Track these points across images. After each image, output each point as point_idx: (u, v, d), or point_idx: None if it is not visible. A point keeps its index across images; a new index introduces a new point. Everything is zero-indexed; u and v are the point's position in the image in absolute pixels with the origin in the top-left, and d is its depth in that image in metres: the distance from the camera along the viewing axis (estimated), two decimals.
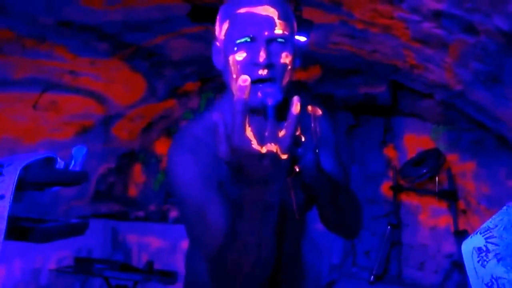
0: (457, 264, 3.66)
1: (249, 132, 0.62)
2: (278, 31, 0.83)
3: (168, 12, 2.66)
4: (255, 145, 0.62)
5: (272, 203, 0.69)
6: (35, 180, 0.82)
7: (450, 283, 3.77)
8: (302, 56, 1.00)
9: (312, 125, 0.89)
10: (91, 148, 3.73)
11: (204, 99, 4.67)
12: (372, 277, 3.95)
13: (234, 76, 0.85)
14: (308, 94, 4.29)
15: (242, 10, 0.84)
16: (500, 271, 0.69)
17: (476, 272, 0.72)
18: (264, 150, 0.62)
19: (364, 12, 2.37)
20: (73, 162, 0.90)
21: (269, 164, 0.63)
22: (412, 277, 4.08)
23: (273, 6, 0.84)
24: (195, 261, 0.99)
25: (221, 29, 0.89)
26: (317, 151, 0.87)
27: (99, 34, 2.70)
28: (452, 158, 3.95)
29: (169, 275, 3.36)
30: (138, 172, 4.74)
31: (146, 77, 3.62)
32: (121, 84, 3.47)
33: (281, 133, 0.63)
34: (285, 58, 0.85)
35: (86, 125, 3.56)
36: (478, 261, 0.72)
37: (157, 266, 3.48)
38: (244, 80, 0.61)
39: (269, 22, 0.83)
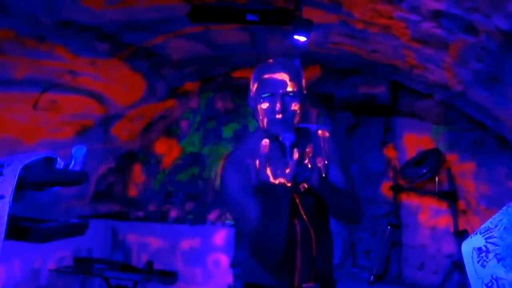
0: (457, 264, 3.65)
1: (268, 171, 1.12)
2: (289, 89, 1.29)
3: (168, 12, 2.66)
4: (271, 179, 1.12)
5: (283, 210, 1.17)
6: (35, 180, 0.82)
7: (450, 283, 3.76)
8: (302, 56, 1.30)
9: (322, 144, 1.37)
10: (91, 148, 3.74)
11: (203, 99, 4.67)
12: (372, 277, 3.95)
13: (261, 117, 1.33)
14: (308, 94, 4.29)
15: (266, 76, 1.32)
16: (500, 271, 0.69)
17: (476, 272, 0.72)
18: (276, 181, 1.12)
19: (364, 12, 2.37)
20: (73, 162, 0.90)
21: (280, 189, 1.13)
22: (412, 277, 4.08)
23: (286, 72, 1.31)
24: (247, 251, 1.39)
25: (253, 87, 1.37)
26: (325, 162, 1.28)
27: (99, 34, 2.70)
28: (452, 158, 3.95)
29: (169, 275, 3.36)
30: (138, 172, 4.74)
31: (146, 77, 3.62)
32: (121, 84, 3.47)
33: (287, 171, 1.12)
34: (295, 106, 1.30)
35: (86, 125, 3.56)
36: (478, 261, 0.72)
37: (157, 266, 3.49)
38: (265, 141, 1.10)
39: (283, 83, 1.30)
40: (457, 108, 3.29)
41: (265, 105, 1.30)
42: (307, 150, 1.27)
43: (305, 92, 1.39)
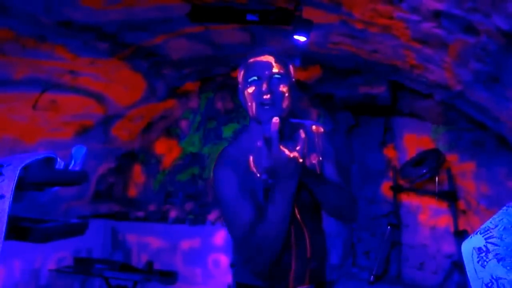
0: (457, 264, 3.65)
1: (282, 147, 1.07)
2: (275, 70, 1.25)
3: (168, 12, 2.66)
4: (287, 152, 1.07)
5: (294, 191, 1.13)
6: (35, 180, 0.82)
7: (450, 283, 3.76)
8: (302, 56, 1.27)
9: (316, 140, 1.35)
10: (91, 148, 3.74)
11: (203, 99, 4.67)
12: (372, 277, 3.95)
13: (249, 104, 1.27)
14: (308, 94, 4.29)
15: (251, 60, 1.29)
16: (500, 271, 0.69)
17: (476, 272, 0.72)
18: (291, 155, 1.07)
19: (364, 12, 2.37)
20: (73, 162, 0.90)
21: (294, 164, 1.08)
22: (412, 277, 4.08)
23: (271, 55, 1.28)
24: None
25: (240, 75, 1.32)
26: (320, 159, 1.32)
27: (99, 34, 2.70)
28: (452, 158, 3.95)
29: (169, 275, 3.36)
30: (138, 172, 4.74)
31: (146, 77, 3.62)
32: (121, 84, 3.47)
33: (298, 148, 1.08)
34: (282, 88, 1.25)
35: (86, 125, 3.57)
36: (478, 261, 0.72)
37: (157, 266, 3.49)
38: (275, 119, 1.06)
39: (269, 65, 1.25)
40: (457, 108, 3.29)
41: (251, 89, 1.25)
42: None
43: (293, 80, 1.32)
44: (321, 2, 2.42)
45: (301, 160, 1.08)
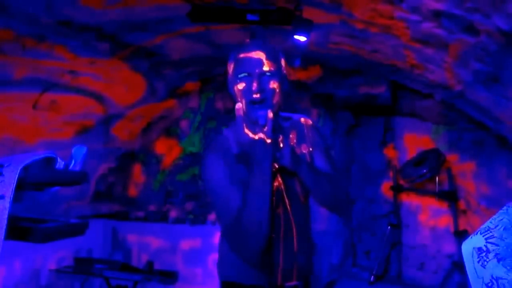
0: (457, 264, 3.65)
1: (246, 130, 1.18)
2: (265, 68, 1.26)
3: (168, 12, 2.66)
4: (251, 135, 1.17)
5: (269, 174, 1.17)
6: (35, 180, 0.82)
7: (450, 283, 3.76)
8: (302, 56, 1.28)
9: (306, 132, 1.41)
10: (91, 148, 3.73)
11: (204, 99, 4.67)
12: (372, 277, 3.95)
13: (239, 99, 1.30)
14: (308, 94, 4.29)
15: (242, 55, 1.30)
16: (500, 271, 0.69)
17: (476, 272, 0.72)
18: (256, 137, 1.16)
19: (364, 12, 2.37)
20: (73, 162, 0.90)
21: (261, 145, 1.15)
22: (412, 277, 4.08)
23: (262, 51, 1.28)
24: (225, 245, 1.34)
25: (230, 68, 1.35)
26: (310, 149, 1.37)
27: (99, 34, 2.70)
28: (452, 158, 3.95)
29: (169, 275, 3.36)
30: (138, 172, 4.74)
31: (146, 77, 3.61)
32: (121, 84, 3.47)
33: (265, 128, 1.16)
34: (273, 85, 1.27)
35: (86, 125, 3.56)
36: (478, 261, 0.72)
37: (157, 266, 3.48)
38: (238, 105, 1.20)
39: (259, 63, 1.26)
40: (457, 108, 3.29)
41: (241, 86, 1.27)
42: (290, 136, 1.28)
43: (285, 72, 1.33)
44: (321, 2, 2.42)
45: (269, 141, 1.14)
